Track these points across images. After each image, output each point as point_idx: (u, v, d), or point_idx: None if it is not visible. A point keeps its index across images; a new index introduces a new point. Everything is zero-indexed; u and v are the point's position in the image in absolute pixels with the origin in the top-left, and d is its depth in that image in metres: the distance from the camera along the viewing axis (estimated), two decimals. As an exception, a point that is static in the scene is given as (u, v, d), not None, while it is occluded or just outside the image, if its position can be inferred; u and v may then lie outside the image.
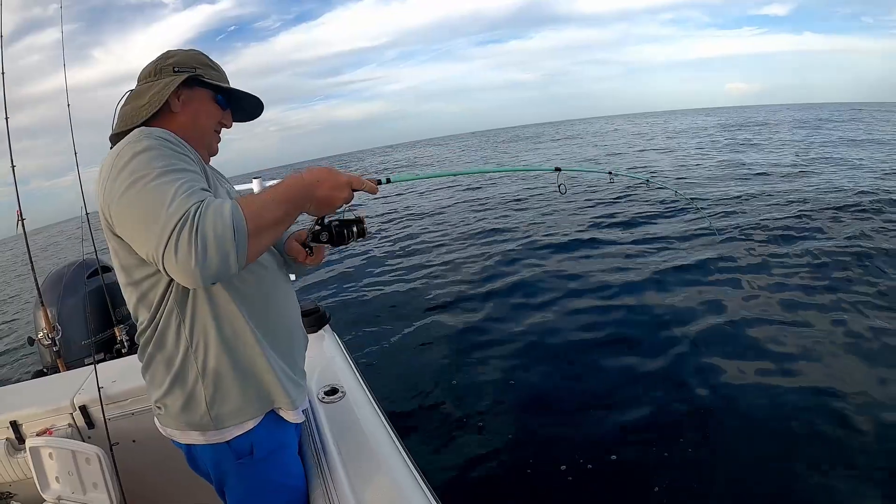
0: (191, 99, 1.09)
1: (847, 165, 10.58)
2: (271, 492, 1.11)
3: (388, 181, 1.14)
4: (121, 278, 1.02)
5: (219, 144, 1.19)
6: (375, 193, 1.06)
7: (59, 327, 2.09)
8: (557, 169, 1.68)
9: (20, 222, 2.37)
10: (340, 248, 1.12)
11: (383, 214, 10.72)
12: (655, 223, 6.86)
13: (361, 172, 1.07)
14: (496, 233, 7.46)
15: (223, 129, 1.20)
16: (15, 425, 1.69)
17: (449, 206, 10.74)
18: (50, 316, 2.11)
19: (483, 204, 10.42)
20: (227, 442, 1.05)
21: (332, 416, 1.33)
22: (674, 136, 25.83)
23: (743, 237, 5.78)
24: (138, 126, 1.00)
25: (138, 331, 1.05)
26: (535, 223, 7.79)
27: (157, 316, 1.00)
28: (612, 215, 7.62)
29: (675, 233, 6.25)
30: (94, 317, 2.10)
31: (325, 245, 1.10)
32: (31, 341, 2.14)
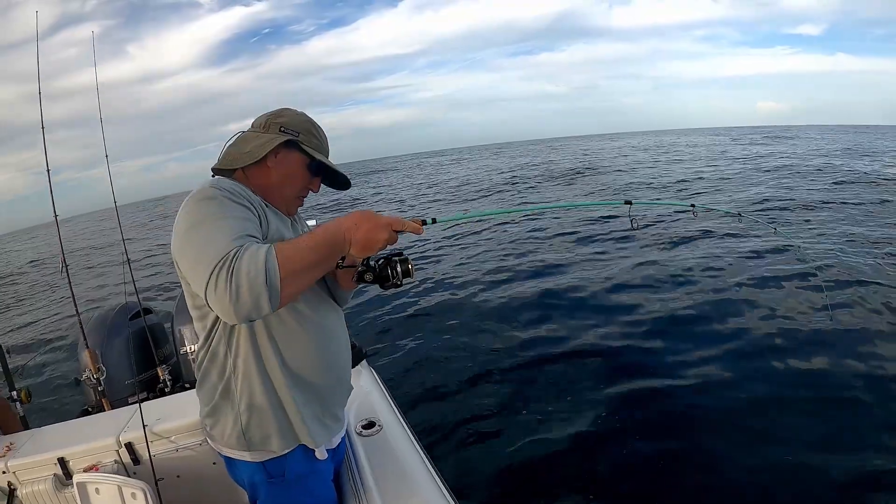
0: (285, 159, 1.19)
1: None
2: None
3: (434, 221, 1.15)
4: (188, 301, 1.15)
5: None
6: (420, 234, 1.10)
7: (104, 368, 2.20)
8: (628, 202, 1.48)
9: (64, 268, 2.51)
10: (392, 289, 1.13)
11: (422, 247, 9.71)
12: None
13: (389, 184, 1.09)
14: (552, 269, 6.85)
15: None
16: (62, 462, 1.77)
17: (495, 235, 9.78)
18: (94, 357, 2.23)
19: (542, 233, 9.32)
20: (262, 462, 1.15)
21: (370, 449, 1.40)
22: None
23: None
24: (238, 168, 1.18)
25: (197, 350, 1.18)
26: (596, 260, 7.06)
27: (210, 342, 1.13)
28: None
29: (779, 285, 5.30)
30: (137, 357, 2.21)
31: (374, 284, 1.14)
32: (76, 381, 2.24)
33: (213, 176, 1.19)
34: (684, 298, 5.26)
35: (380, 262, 1.13)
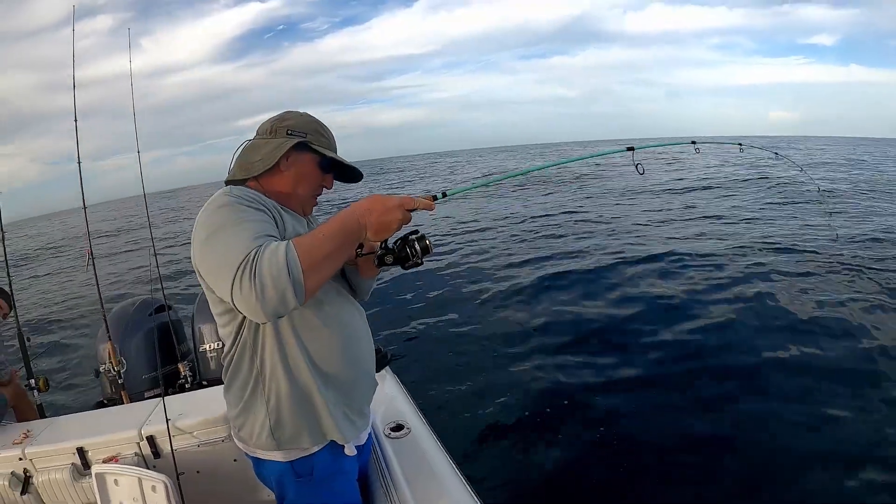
0: (297, 161, 1.21)
1: None
2: None
3: (444, 195, 1.15)
4: (212, 308, 1.15)
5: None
6: (432, 210, 1.11)
7: (124, 361, 2.20)
8: (630, 148, 1.47)
9: (91, 260, 2.52)
10: (413, 269, 1.14)
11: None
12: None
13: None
14: (559, 260, 7.02)
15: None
16: (81, 451, 1.77)
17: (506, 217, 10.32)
18: (114, 350, 2.23)
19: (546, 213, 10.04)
20: (290, 462, 1.16)
21: (399, 451, 1.41)
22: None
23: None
24: (252, 178, 1.18)
25: (223, 355, 1.18)
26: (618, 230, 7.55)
27: (236, 344, 1.13)
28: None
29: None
30: (158, 352, 2.20)
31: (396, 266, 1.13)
32: (96, 373, 2.24)
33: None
34: (695, 283, 5.46)
35: (397, 243, 1.13)
